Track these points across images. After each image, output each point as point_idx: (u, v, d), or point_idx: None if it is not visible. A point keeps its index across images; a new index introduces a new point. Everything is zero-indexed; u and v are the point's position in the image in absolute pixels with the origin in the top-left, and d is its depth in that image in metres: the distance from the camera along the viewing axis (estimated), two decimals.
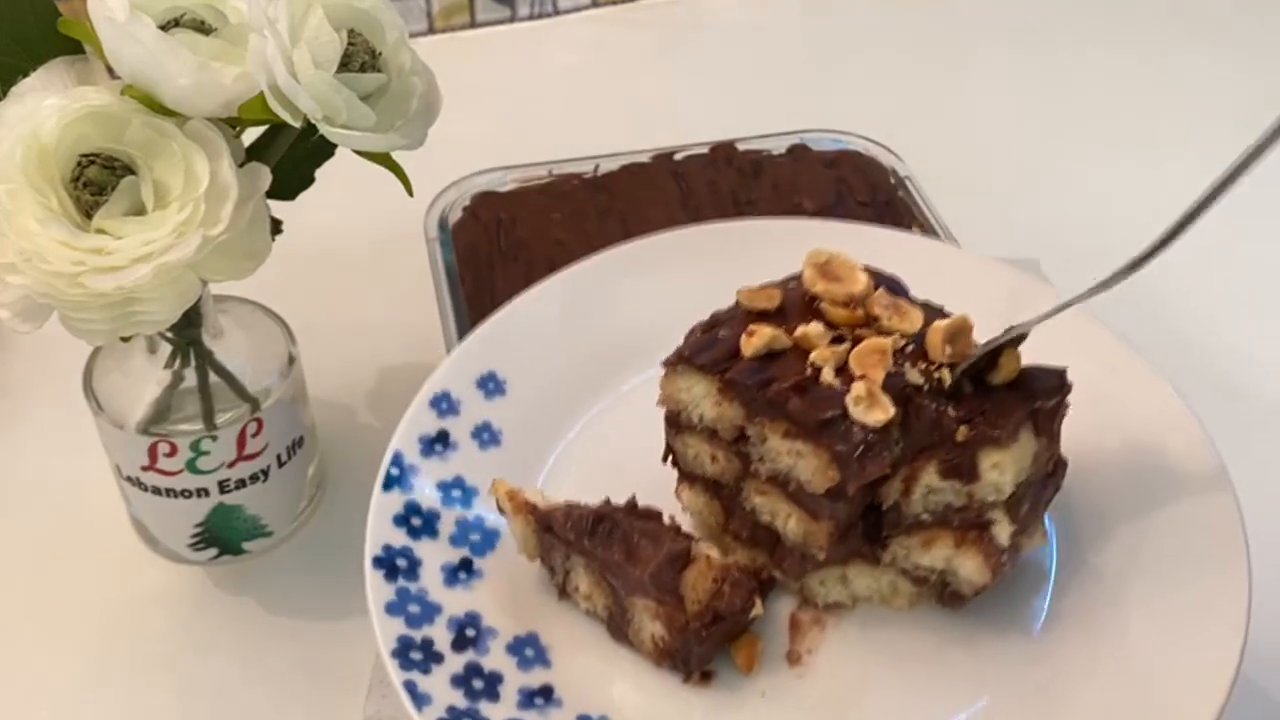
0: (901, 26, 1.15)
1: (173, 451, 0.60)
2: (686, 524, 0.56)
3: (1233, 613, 0.49)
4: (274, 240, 0.55)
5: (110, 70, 0.52)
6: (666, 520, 0.54)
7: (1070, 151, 1.00)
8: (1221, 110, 1.04)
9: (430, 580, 0.53)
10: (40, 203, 0.49)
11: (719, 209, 0.78)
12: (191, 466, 0.61)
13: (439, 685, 0.49)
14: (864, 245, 0.56)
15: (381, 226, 0.81)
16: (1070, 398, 0.51)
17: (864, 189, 0.80)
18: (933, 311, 0.54)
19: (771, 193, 0.79)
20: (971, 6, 1.16)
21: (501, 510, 0.54)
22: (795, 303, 0.53)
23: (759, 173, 0.81)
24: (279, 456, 0.63)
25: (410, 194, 0.56)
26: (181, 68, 0.49)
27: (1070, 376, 0.51)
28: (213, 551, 0.65)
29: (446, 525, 0.55)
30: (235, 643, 0.64)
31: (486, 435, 0.59)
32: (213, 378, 0.61)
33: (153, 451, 0.60)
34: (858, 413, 0.48)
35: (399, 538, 0.53)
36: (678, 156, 0.83)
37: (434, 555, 0.53)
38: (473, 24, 1.12)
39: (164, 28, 0.50)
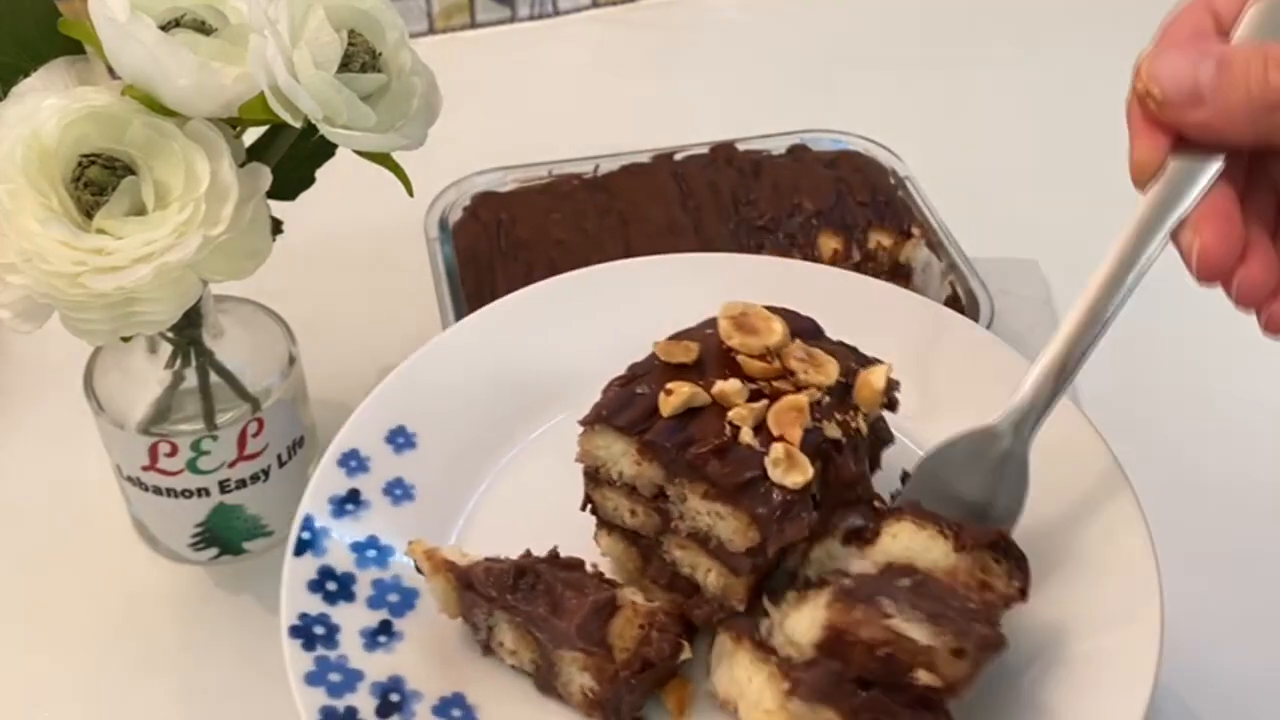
0: (901, 26, 1.15)
1: (173, 451, 0.60)
2: (606, 567, 0.55)
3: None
4: (274, 240, 0.55)
5: (111, 70, 0.52)
6: (589, 568, 0.53)
7: (1070, 151, 1.00)
8: None
9: (350, 646, 0.51)
10: (41, 203, 0.49)
11: (719, 209, 0.78)
12: (192, 466, 0.61)
13: None
14: (777, 280, 0.56)
15: (381, 226, 0.81)
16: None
17: (864, 189, 0.80)
18: (847, 353, 0.54)
19: (771, 193, 0.79)
20: (971, 7, 1.16)
21: (420, 570, 0.52)
22: (712, 354, 0.52)
23: (759, 173, 0.81)
24: (279, 456, 0.63)
25: (410, 194, 0.56)
26: (182, 68, 0.49)
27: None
28: (213, 551, 0.65)
29: (363, 587, 0.53)
30: (235, 643, 0.64)
31: (399, 491, 0.56)
32: (213, 378, 0.61)
33: (153, 451, 0.60)
34: (777, 474, 0.48)
35: (315, 604, 0.52)
36: (678, 156, 0.83)
37: (352, 619, 0.52)
38: (473, 24, 1.12)
39: (164, 28, 0.50)
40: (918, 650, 0.45)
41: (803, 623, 0.48)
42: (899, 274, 0.77)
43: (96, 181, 0.50)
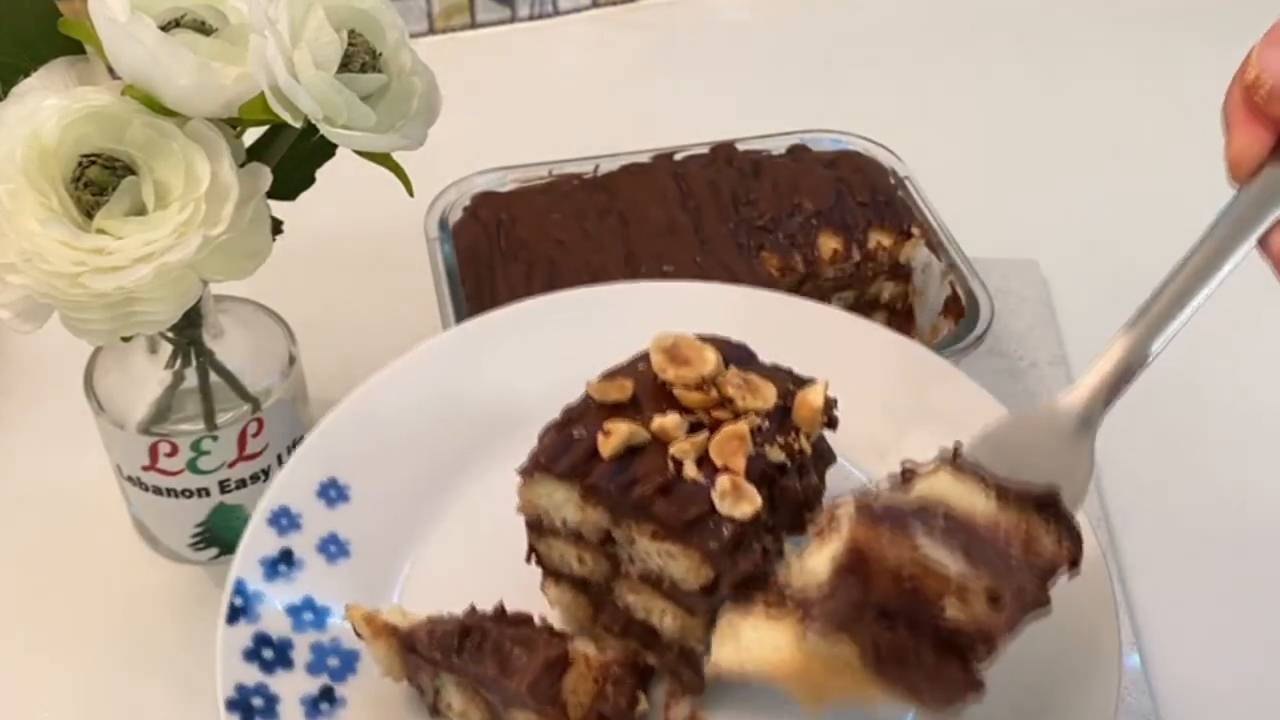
0: (901, 26, 1.15)
1: (173, 451, 0.60)
2: (555, 618, 0.53)
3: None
4: (274, 240, 0.55)
5: (111, 70, 0.52)
6: (538, 621, 0.51)
7: (1070, 151, 1.00)
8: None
9: (291, 715, 0.49)
10: (41, 203, 0.49)
11: (719, 209, 0.78)
12: (192, 466, 0.61)
13: None
14: (700, 303, 0.55)
15: (381, 226, 0.81)
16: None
17: (864, 189, 0.80)
18: (782, 376, 0.53)
19: (771, 193, 0.79)
20: (971, 7, 1.17)
21: (360, 635, 0.51)
22: (647, 390, 0.51)
23: (759, 173, 0.81)
24: (279, 456, 0.63)
25: (410, 194, 0.56)
26: (182, 68, 0.49)
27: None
28: (213, 551, 0.65)
29: (301, 653, 0.51)
30: None
31: (334, 548, 0.54)
32: (213, 377, 0.61)
33: (153, 451, 0.60)
34: (725, 507, 0.47)
35: (251, 674, 0.50)
36: (678, 156, 0.83)
37: (291, 688, 0.50)
38: (473, 24, 1.12)
39: (164, 28, 0.50)
40: (949, 584, 0.41)
41: (823, 557, 0.45)
42: (899, 274, 0.77)
43: (96, 181, 0.50)
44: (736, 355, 0.54)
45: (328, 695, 0.50)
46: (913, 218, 0.78)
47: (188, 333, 0.59)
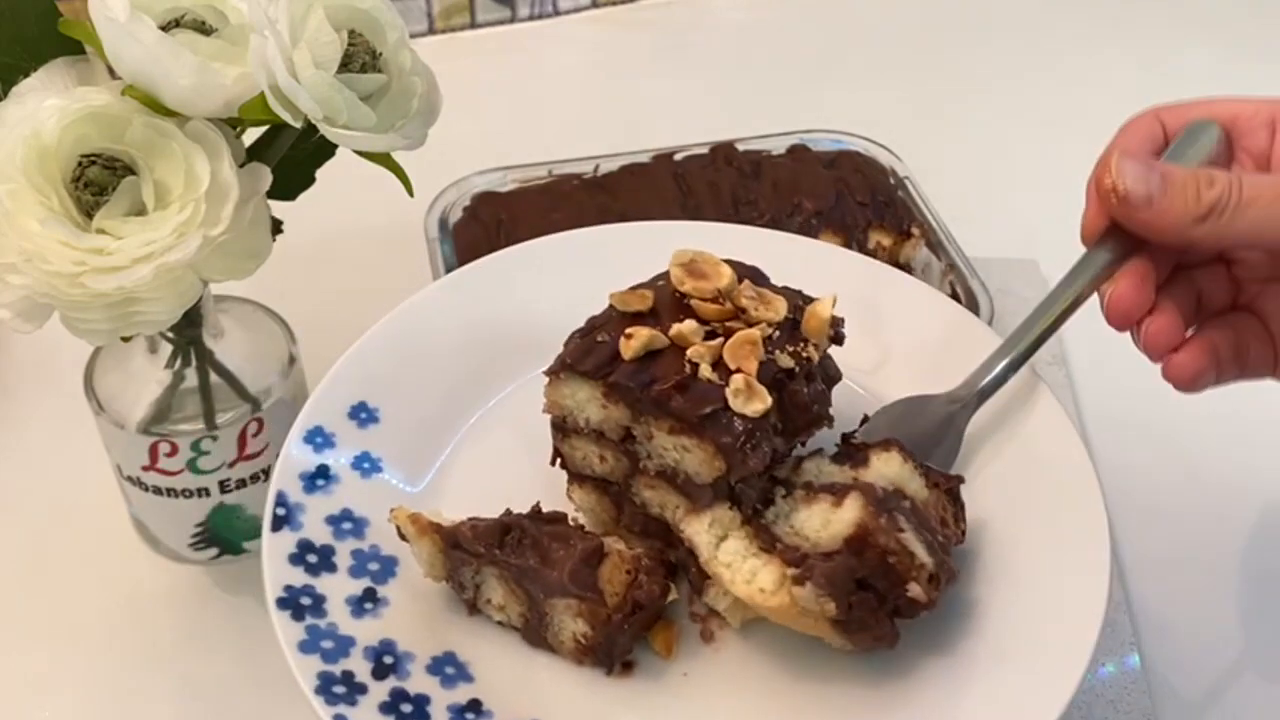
0: (901, 26, 1.15)
1: (173, 451, 0.60)
2: (581, 521, 0.57)
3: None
4: (274, 240, 0.55)
5: (111, 70, 0.52)
6: (571, 522, 0.55)
7: (1070, 151, 0.99)
8: None
9: (338, 614, 0.52)
10: (41, 203, 0.49)
11: (719, 209, 0.78)
12: (192, 466, 0.61)
13: (368, 715, 0.49)
14: (721, 244, 0.58)
15: (381, 226, 0.81)
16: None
17: (864, 189, 0.80)
18: (793, 294, 0.56)
19: (771, 193, 0.79)
20: (972, 7, 1.16)
21: (404, 537, 0.53)
22: (666, 302, 0.55)
23: (759, 173, 0.81)
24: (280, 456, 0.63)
25: (410, 194, 0.56)
26: (182, 68, 0.49)
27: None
28: (213, 551, 0.65)
29: (343, 558, 0.54)
30: (235, 643, 0.64)
31: (367, 464, 0.58)
32: (213, 377, 0.61)
33: (153, 451, 0.60)
34: (738, 404, 0.51)
35: (298, 576, 0.53)
36: (678, 156, 0.83)
37: (336, 589, 0.53)
38: (473, 24, 1.12)
39: (165, 28, 0.50)
40: (915, 566, 0.50)
41: (815, 520, 0.51)
42: None
43: (96, 181, 0.50)
44: (750, 273, 0.57)
45: (371, 596, 0.53)
46: (913, 218, 0.78)
47: (188, 333, 0.59)
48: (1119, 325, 0.53)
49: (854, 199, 0.79)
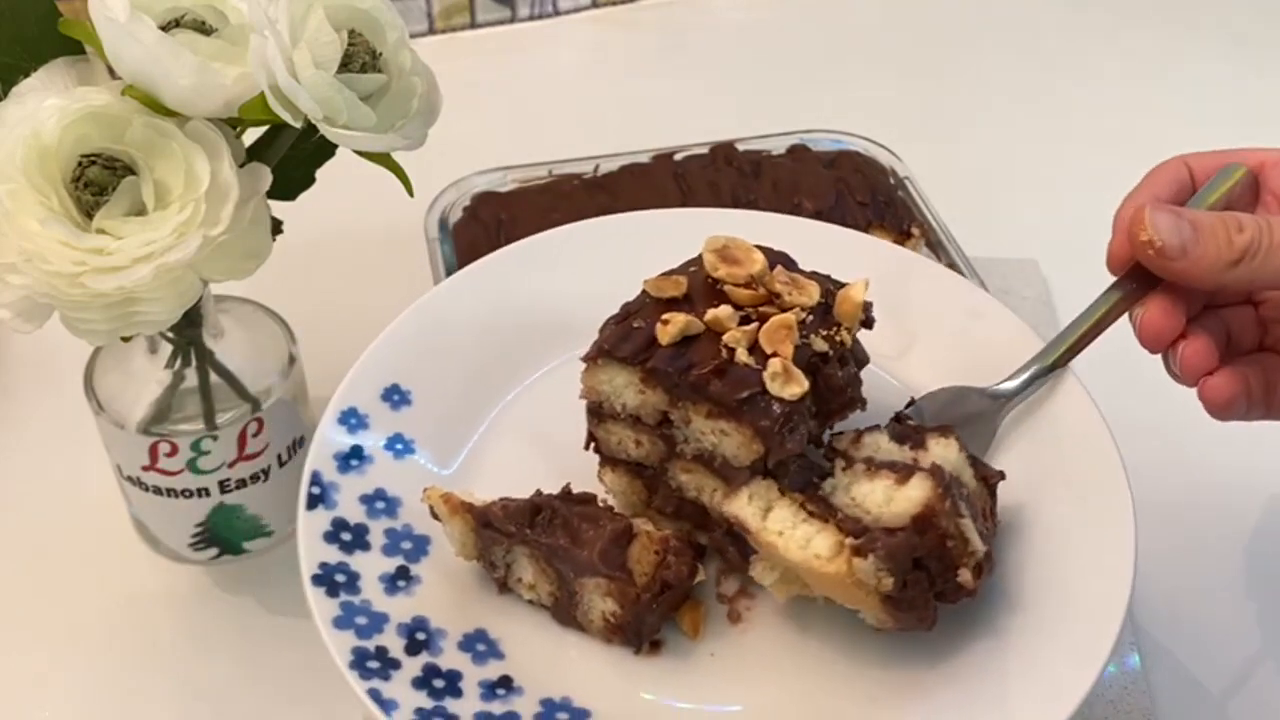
0: (902, 26, 1.15)
1: (173, 451, 0.60)
2: (611, 505, 0.57)
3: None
4: (274, 240, 0.55)
5: (111, 70, 0.52)
6: (600, 503, 0.55)
7: (1070, 151, 1.00)
8: (1222, 110, 1.04)
9: (371, 591, 0.53)
10: (41, 203, 0.49)
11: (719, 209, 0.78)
12: (192, 466, 0.61)
13: (401, 689, 0.49)
14: (749, 230, 0.58)
15: (381, 226, 0.81)
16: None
17: (863, 189, 0.80)
18: (822, 278, 0.56)
19: (771, 193, 0.79)
20: (971, 7, 1.17)
21: (436, 516, 0.54)
22: (699, 287, 0.55)
23: (759, 173, 0.81)
24: (279, 456, 0.63)
25: (410, 194, 0.56)
26: (182, 68, 0.49)
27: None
28: (213, 551, 0.65)
29: (376, 537, 0.55)
30: (235, 643, 0.64)
31: (400, 446, 0.58)
32: (213, 377, 0.61)
33: (153, 451, 0.60)
34: (775, 388, 0.51)
35: (332, 554, 0.53)
36: (678, 156, 0.83)
37: (370, 567, 0.54)
38: (473, 24, 1.12)
39: (165, 28, 0.50)
40: (967, 553, 0.50)
41: (878, 494, 0.51)
42: None
43: (96, 181, 0.50)
44: (781, 259, 0.57)
45: (404, 574, 0.54)
46: (913, 218, 0.78)
47: (188, 333, 0.59)
48: (1151, 347, 0.54)
49: (854, 199, 0.79)
